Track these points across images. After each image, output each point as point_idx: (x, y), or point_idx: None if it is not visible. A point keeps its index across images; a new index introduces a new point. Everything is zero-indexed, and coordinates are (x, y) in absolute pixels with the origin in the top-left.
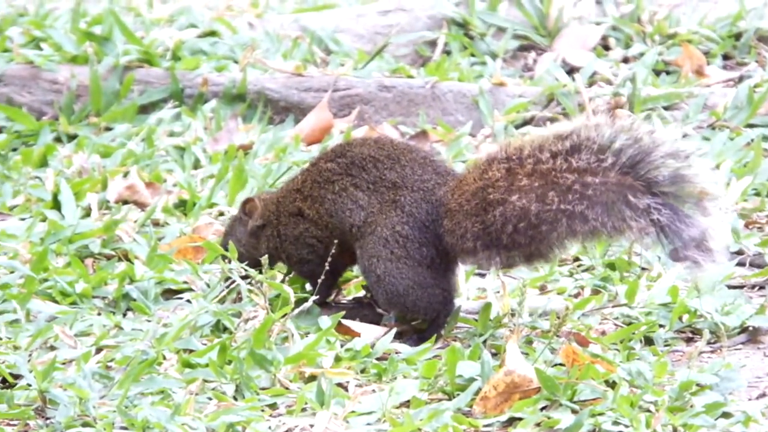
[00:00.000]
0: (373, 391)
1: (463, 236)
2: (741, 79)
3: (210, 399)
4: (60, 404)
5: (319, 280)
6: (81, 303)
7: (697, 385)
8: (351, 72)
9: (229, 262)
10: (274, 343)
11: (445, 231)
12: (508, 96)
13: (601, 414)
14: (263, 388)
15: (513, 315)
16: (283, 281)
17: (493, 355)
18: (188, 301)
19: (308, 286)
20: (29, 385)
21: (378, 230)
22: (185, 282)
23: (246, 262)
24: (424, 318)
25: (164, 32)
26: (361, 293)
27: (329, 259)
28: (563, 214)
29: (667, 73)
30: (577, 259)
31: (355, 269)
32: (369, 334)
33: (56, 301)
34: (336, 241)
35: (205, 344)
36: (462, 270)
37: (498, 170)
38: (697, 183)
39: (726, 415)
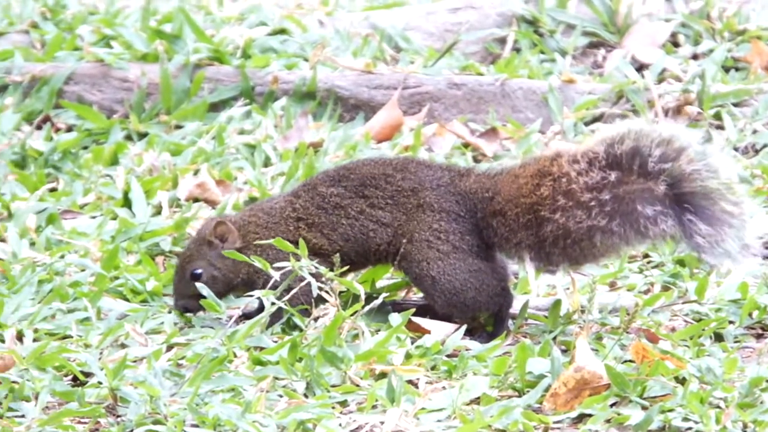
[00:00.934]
0: (444, 388)
1: (518, 245)
2: None
3: (280, 396)
4: (131, 402)
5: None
6: (152, 301)
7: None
8: (421, 69)
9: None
10: (345, 341)
11: (495, 232)
12: (578, 93)
13: (670, 410)
14: (334, 386)
15: (583, 311)
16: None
17: (563, 351)
18: (258, 298)
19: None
20: (100, 383)
21: (416, 236)
22: None
23: (218, 287)
24: (486, 313)
25: (234, 30)
26: None
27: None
28: (594, 229)
29: (737, 69)
30: (646, 255)
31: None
32: (439, 331)
33: (127, 299)
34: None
35: (275, 342)
36: (532, 268)
37: (546, 188)
38: (722, 178)
39: None
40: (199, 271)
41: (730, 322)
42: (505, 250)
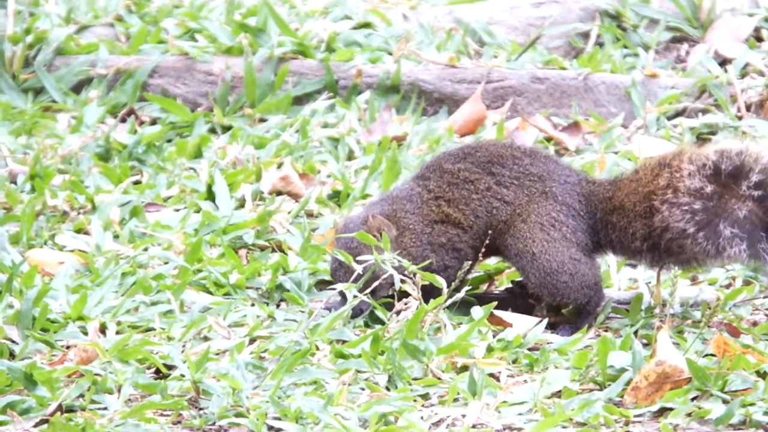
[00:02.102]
0: (525, 381)
1: (633, 235)
2: None
3: (363, 389)
4: (213, 395)
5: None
6: (235, 294)
7: None
8: (504, 64)
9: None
10: (427, 334)
11: (613, 227)
12: (661, 87)
13: (752, 404)
14: (416, 379)
15: (664, 305)
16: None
17: (644, 345)
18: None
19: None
20: (183, 376)
21: (532, 217)
22: None
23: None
24: (575, 302)
25: (319, 24)
26: (514, 284)
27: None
28: (685, 234)
29: None
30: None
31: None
32: (521, 324)
33: (210, 292)
34: (482, 246)
35: (358, 335)
36: (614, 260)
37: (663, 178)
38: None
39: None
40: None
41: None
42: (622, 245)
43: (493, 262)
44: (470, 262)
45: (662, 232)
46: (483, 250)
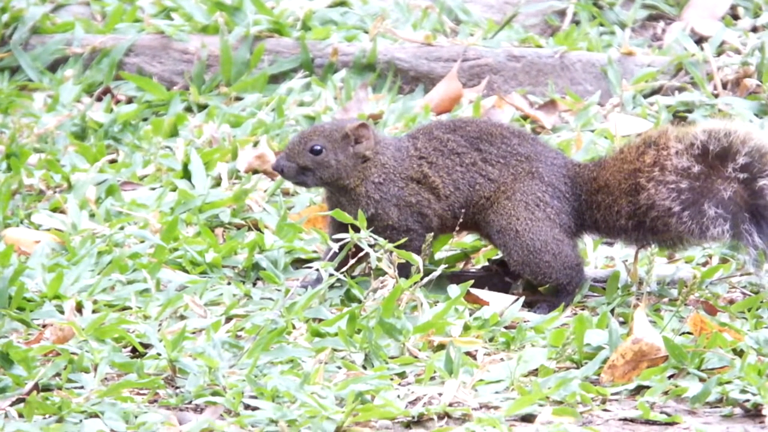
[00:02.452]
0: (502, 359)
1: (618, 213)
2: None
3: (339, 368)
4: (190, 373)
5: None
6: (211, 272)
7: None
8: (480, 42)
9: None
10: (403, 312)
11: (598, 206)
12: (637, 65)
13: (728, 382)
14: (392, 357)
15: (641, 284)
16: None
17: (621, 323)
18: (317, 270)
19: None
20: (159, 355)
21: (518, 196)
22: (315, 251)
23: (324, 176)
24: (556, 282)
25: (294, 2)
26: (491, 262)
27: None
28: (671, 212)
29: None
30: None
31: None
32: (497, 302)
33: (186, 271)
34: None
35: (334, 313)
36: (591, 239)
37: (649, 156)
38: None
39: None
40: (320, 147)
41: None
42: (607, 223)
43: (469, 240)
44: (432, 234)
45: (647, 209)
46: (457, 227)
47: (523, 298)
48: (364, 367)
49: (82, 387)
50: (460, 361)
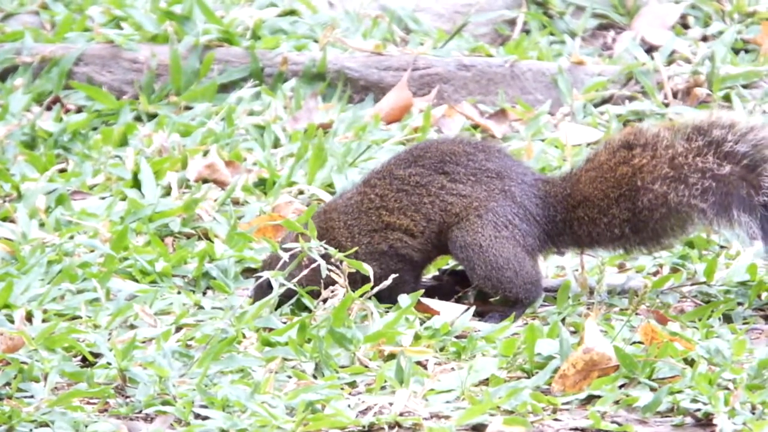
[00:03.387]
0: (452, 369)
1: (609, 223)
2: None
3: (290, 377)
4: (140, 383)
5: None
6: (161, 282)
7: None
8: (430, 51)
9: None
10: (354, 322)
11: (580, 221)
12: (587, 75)
13: (679, 392)
14: (343, 367)
15: (592, 293)
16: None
17: (572, 333)
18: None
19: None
20: (109, 364)
21: (489, 215)
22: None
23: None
24: (515, 296)
25: (244, 11)
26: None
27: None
28: (695, 208)
29: (746, 51)
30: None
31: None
32: (448, 312)
33: (136, 280)
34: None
35: (284, 323)
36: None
37: (641, 157)
38: None
39: None
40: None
41: (739, 304)
42: (592, 237)
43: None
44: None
45: (655, 209)
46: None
47: (473, 308)
48: (315, 377)
49: (32, 396)
50: (411, 371)
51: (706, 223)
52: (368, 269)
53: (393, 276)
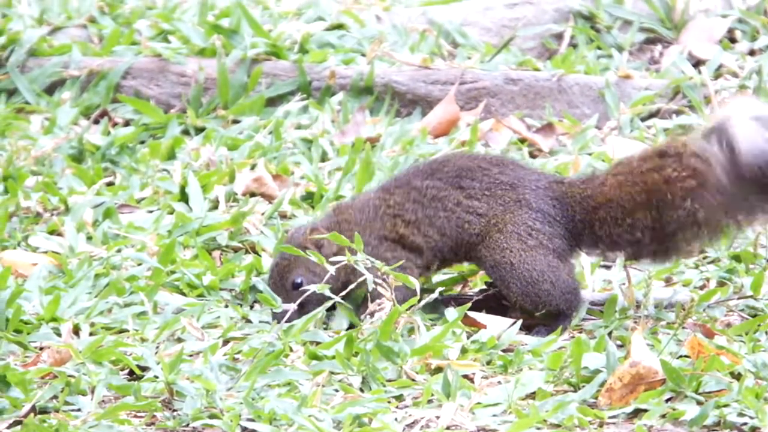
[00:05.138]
0: (499, 382)
1: (633, 226)
2: None
3: (336, 391)
4: (187, 396)
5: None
6: (208, 295)
7: None
8: (478, 65)
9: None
10: (401, 335)
11: (602, 222)
12: (634, 89)
13: (726, 405)
14: (389, 380)
15: (638, 307)
16: None
17: (619, 346)
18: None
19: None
20: (156, 377)
21: (508, 227)
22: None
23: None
24: (556, 308)
25: (292, 25)
26: (488, 285)
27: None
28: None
29: None
30: (702, 251)
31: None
32: (495, 325)
33: (184, 294)
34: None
35: (331, 336)
36: (588, 262)
37: (672, 168)
38: None
39: None
40: (300, 279)
41: None
42: (612, 238)
43: (466, 264)
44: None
45: (678, 223)
46: (438, 263)
47: (520, 321)
48: (362, 390)
49: (79, 409)
50: (458, 384)
51: (739, 229)
52: (415, 282)
53: (439, 289)
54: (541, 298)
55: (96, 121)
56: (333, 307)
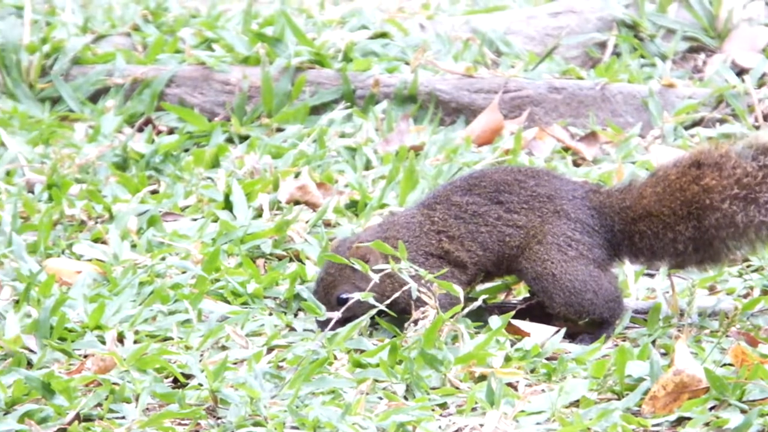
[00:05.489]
0: (543, 390)
1: (675, 239)
2: None
3: (380, 399)
4: (231, 404)
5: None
6: (252, 303)
7: None
8: (521, 73)
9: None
10: (444, 343)
11: (642, 235)
12: (678, 97)
13: None
14: (433, 388)
15: (682, 315)
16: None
17: (663, 355)
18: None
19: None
20: (201, 385)
21: (548, 239)
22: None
23: (365, 308)
24: (600, 317)
25: (336, 33)
26: (531, 294)
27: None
28: (763, 225)
29: None
30: (746, 259)
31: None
32: (539, 334)
33: (228, 302)
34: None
35: (375, 344)
36: (631, 271)
37: (712, 177)
38: None
39: None
40: (345, 295)
41: None
42: (653, 249)
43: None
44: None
45: (721, 228)
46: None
47: (564, 330)
48: (406, 398)
49: (123, 417)
50: (502, 392)
51: None
52: (459, 290)
53: (483, 297)
54: (585, 307)
55: (140, 129)
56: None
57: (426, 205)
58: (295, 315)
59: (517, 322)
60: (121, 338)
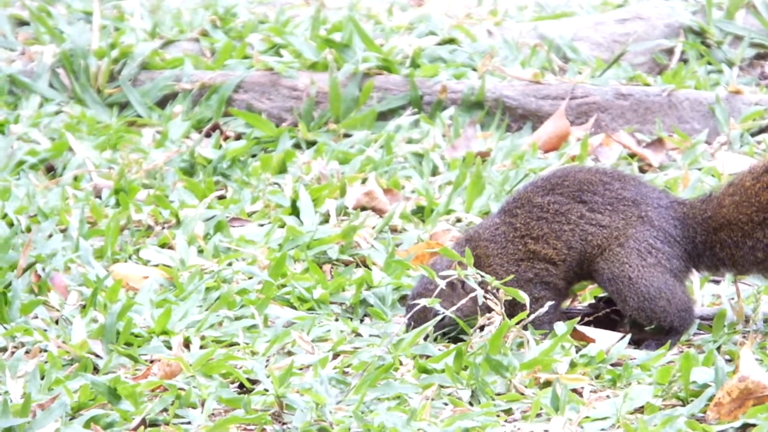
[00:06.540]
0: (608, 396)
1: (754, 247)
2: None
3: (446, 404)
4: (297, 409)
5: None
6: (319, 309)
7: None
8: (588, 80)
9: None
10: (510, 349)
11: (722, 245)
12: (745, 104)
13: None
14: (499, 394)
15: (747, 321)
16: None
17: (728, 361)
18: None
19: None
20: (266, 390)
21: (630, 243)
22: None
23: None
24: (670, 325)
25: (403, 39)
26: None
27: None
28: None
29: None
30: None
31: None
32: (604, 340)
33: (294, 307)
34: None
35: (441, 350)
36: (697, 277)
37: None
38: None
39: None
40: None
41: None
42: (734, 259)
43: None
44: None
45: None
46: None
47: (629, 336)
48: (471, 404)
49: (189, 422)
50: (567, 398)
51: None
52: (524, 296)
53: (549, 303)
54: (657, 314)
55: (207, 135)
56: (461, 332)
57: (507, 211)
58: (361, 320)
59: (582, 328)
60: (187, 343)
